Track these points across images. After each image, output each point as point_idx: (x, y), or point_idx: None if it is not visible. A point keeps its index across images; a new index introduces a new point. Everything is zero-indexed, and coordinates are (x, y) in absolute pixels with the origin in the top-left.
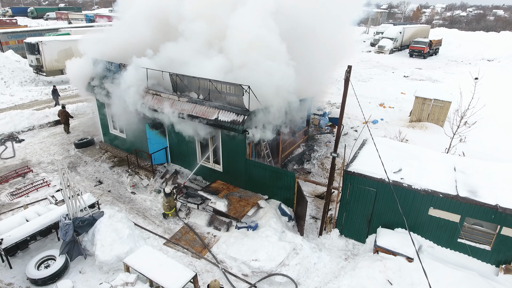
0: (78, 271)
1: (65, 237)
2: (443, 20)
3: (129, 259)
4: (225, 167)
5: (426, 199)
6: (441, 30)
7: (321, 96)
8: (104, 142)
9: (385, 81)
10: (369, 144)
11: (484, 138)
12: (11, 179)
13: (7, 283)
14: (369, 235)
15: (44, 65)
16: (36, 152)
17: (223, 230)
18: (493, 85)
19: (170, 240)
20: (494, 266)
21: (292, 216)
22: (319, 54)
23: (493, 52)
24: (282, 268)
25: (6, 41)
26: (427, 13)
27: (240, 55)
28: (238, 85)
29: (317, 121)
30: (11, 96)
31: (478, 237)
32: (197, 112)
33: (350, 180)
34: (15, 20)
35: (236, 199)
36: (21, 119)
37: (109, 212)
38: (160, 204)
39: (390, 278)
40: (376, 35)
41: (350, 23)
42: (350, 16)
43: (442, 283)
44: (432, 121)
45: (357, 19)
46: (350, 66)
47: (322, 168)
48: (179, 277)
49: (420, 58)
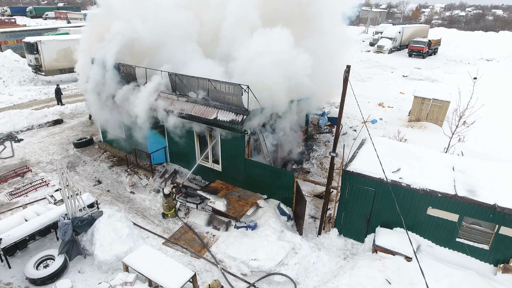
0: (77, 270)
1: (64, 236)
2: (442, 20)
3: (128, 259)
4: (224, 166)
5: (424, 199)
6: (440, 30)
7: (325, 96)
8: (103, 141)
9: (384, 80)
10: (368, 144)
11: (483, 137)
12: (10, 179)
13: (6, 282)
14: (368, 235)
15: (43, 65)
16: (35, 151)
17: (222, 230)
18: (491, 85)
19: (169, 239)
20: (493, 265)
21: (291, 216)
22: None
23: (492, 52)
24: (281, 267)
25: (5, 40)
26: (426, 12)
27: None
28: (237, 84)
29: (316, 120)
30: (10, 95)
31: (477, 237)
32: (196, 111)
33: (349, 180)
34: (13, 19)
35: (235, 198)
36: (20, 119)
37: (108, 212)
38: (159, 203)
39: (389, 277)
40: (375, 34)
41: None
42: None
43: (440, 283)
44: (431, 120)
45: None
46: (349, 66)
47: (321, 168)
48: (178, 277)
49: (419, 58)
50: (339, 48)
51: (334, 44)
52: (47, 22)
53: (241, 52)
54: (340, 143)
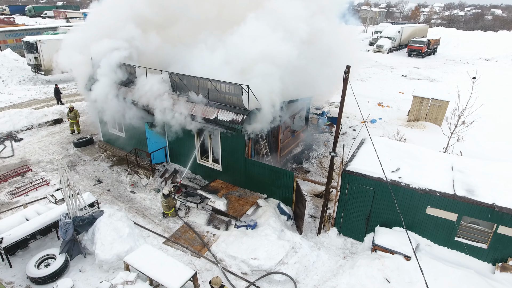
0: (78, 269)
1: (65, 236)
2: (441, 20)
3: (129, 258)
4: (224, 166)
5: (423, 198)
6: (439, 30)
7: (326, 95)
8: (103, 141)
9: (384, 80)
10: (368, 144)
11: (482, 137)
12: (10, 178)
13: (7, 282)
14: (367, 234)
15: (42, 64)
16: (35, 151)
17: (222, 229)
18: (490, 85)
19: (170, 239)
20: (491, 264)
21: (291, 215)
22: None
23: (491, 52)
24: (281, 266)
25: (4, 39)
26: (426, 12)
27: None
28: (237, 84)
29: (316, 120)
30: (9, 95)
31: (475, 236)
32: (196, 111)
33: (349, 179)
34: (12, 18)
35: (235, 198)
36: (20, 118)
37: (109, 211)
38: (159, 203)
39: (388, 276)
40: (374, 34)
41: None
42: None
43: (439, 281)
44: (430, 120)
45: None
46: (349, 66)
47: (320, 167)
48: (179, 276)
49: (418, 57)
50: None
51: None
52: (46, 21)
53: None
54: (339, 142)
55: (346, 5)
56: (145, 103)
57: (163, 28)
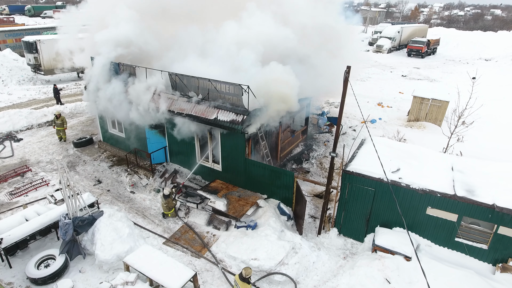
0: (78, 270)
1: (65, 236)
2: (441, 20)
3: (129, 258)
4: (224, 166)
5: (424, 199)
6: (439, 30)
7: (327, 95)
8: (103, 141)
9: (383, 80)
10: (368, 144)
11: (482, 137)
12: (10, 179)
13: (7, 282)
14: (368, 234)
15: (42, 64)
16: (34, 151)
17: (222, 229)
18: (490, 85)
19: (170, 239)
20: (491, 264)
21: (291, 215)
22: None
23: (490, 52)
24: (281, 267)
25: (4, 39)
26: (425, 12)
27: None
28: (237, 84)
29: (316, 120)
30: (9, 95)
31: (475, 236)
32: (197, 111)
33: (349, 180)
34: (12, 18)
35: (235, 198)
36: (20, 118)
37: (109, 212)
38: (159, 203)
39: (388, 276)
40: (374, 34)
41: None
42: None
43: (439, 282)
44: (430, 120)
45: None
46: (349, 66)
47: (320, 168)
48: (179, 276)
49: (418, 57)
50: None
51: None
52: (46, 21)
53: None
54: (339, 143)
55: (346, 5)
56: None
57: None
